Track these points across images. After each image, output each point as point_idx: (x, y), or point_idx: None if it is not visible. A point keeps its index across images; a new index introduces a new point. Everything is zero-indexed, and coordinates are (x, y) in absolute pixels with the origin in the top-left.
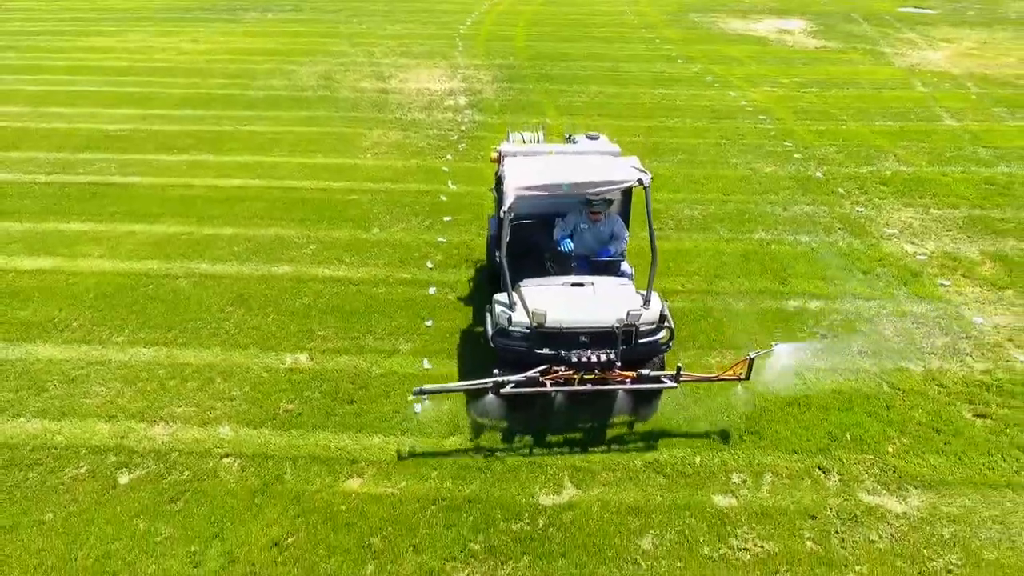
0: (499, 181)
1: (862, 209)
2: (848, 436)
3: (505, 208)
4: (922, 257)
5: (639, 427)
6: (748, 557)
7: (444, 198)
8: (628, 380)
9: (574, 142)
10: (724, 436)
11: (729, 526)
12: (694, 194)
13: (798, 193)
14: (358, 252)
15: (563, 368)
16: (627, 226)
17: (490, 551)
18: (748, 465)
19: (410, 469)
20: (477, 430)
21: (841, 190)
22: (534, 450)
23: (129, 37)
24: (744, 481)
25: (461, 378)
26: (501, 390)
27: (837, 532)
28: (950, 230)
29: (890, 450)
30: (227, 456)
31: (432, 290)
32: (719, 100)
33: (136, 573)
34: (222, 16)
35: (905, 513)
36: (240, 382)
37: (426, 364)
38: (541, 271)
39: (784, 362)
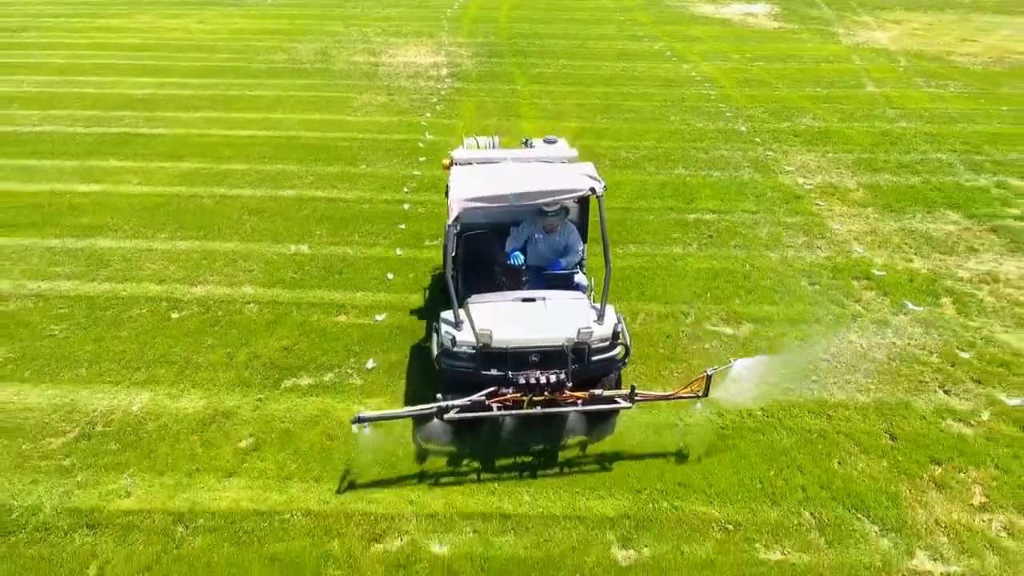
0: (448, 191)
1: (771, 153)
2: (708, 294)
3: (449, 221)
4: (808, 186)
5: None
6: None
7: (421, 145)
8: (580, 401)
9: (531, 146)
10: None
11: None
12: (632, 142)
13: (720, 142)
14: (348, 181)
15: (511, 390)
16: (585, 236)
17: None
18: (629, 309)
19: (382, 311)
20: (434, 297)
21: (758, 140)
22: None
23: (139, 19)
24: (624, 319)
25: (429, 286)
26: (445, 415)
27: (682, 344)
28: (838, 168)
29: (736, 302)
30: (249, 303)
31: (406, 206)
32: (673, 72)
33: (189, 362)
34: (224, 0)
35: (735, 334)
36: (257, 262)
37: (398, 252)
38: (496, 284)
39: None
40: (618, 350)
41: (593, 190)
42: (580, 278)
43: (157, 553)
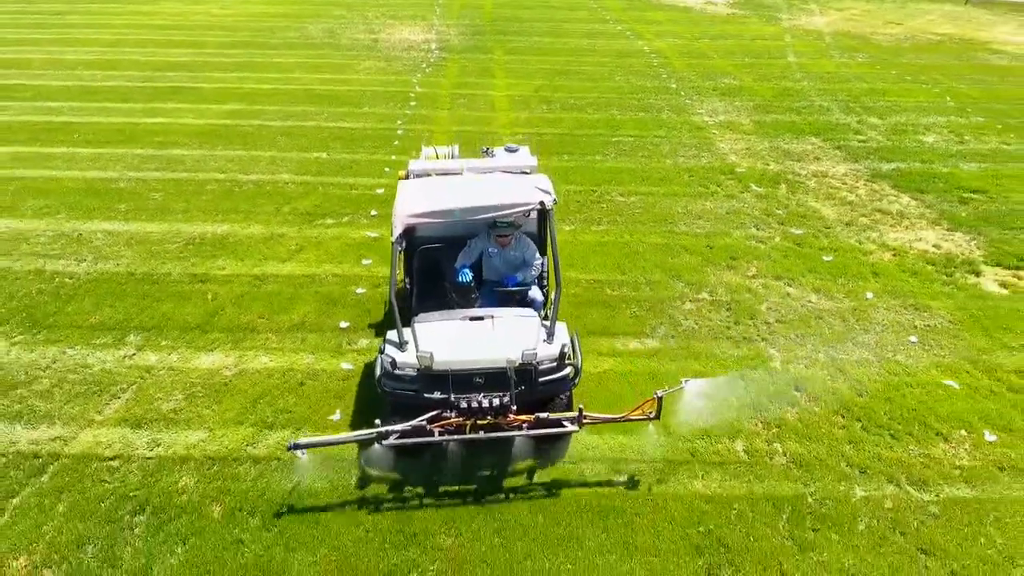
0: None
1: (689, 102)
2: (613, 180)
3: (393, 238)
4: (711, 122)
5: None
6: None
7: (412, 95)
8: (525, 425)
9: (492, 155)
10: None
11: None
12: (581, 94)
13: (652, 95)
14: (355, 117)
15: (453, 414)
16: (544, 249)
17: None
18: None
19: (381, 188)
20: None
21: (682, 93)
22: None
23: (165, 6)
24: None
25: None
26: (384, 440)
27: (587, 205)
28: (739, 111)
29: (632, 185)
30: (288, 183)
31: (400, 132)
32: (627, 47)
33: (251, 212)
34: None
35: (624, 200)
36: (290, 163)
37: (393, 157)
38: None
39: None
40: (567, 371)
41: (543, 203)
42: (535, 293)
43: (246, 290)
